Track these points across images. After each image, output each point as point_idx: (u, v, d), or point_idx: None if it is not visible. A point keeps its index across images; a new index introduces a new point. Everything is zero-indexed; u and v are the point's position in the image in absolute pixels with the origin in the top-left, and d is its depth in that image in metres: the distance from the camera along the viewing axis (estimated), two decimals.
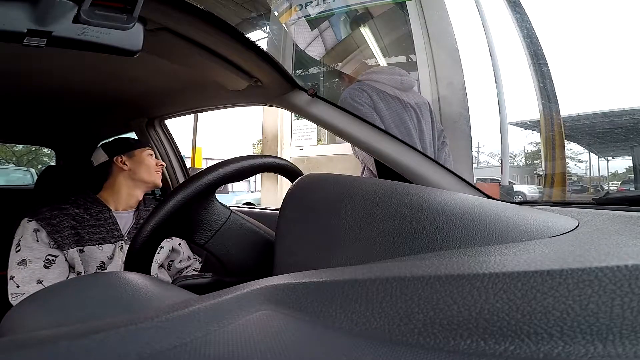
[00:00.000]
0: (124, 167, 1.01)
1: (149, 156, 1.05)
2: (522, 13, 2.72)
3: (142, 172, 1.02)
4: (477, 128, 7.78)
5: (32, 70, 0.93)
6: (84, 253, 0.89)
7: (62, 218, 0.90)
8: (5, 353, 0.17)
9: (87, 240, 0.90)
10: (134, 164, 1.02)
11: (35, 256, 0.85)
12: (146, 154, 1.05)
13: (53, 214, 0.90)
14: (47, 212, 0.89)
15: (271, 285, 0.25)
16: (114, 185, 1.01)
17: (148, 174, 1.03)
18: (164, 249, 1.02)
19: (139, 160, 1.03)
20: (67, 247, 0.88)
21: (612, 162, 6.78)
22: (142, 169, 1.02)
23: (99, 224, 0.94)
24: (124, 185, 1.01)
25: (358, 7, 2.95)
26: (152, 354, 0.18)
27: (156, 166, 1.06)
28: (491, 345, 0.18)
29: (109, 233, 0.93)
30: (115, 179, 1.01)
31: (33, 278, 0.83)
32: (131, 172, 1.02)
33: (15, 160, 8.67)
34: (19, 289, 0.82)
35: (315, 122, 0.78)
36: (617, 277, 0.18)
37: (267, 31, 3.58)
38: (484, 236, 0.34)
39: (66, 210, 0.92)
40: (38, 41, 0.44)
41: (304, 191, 0.47)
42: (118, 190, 1.01)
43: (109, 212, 0.97)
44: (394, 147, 0.71)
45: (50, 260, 0.86)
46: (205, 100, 1.09)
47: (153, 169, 1.05)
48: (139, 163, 1.03)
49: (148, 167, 1.03)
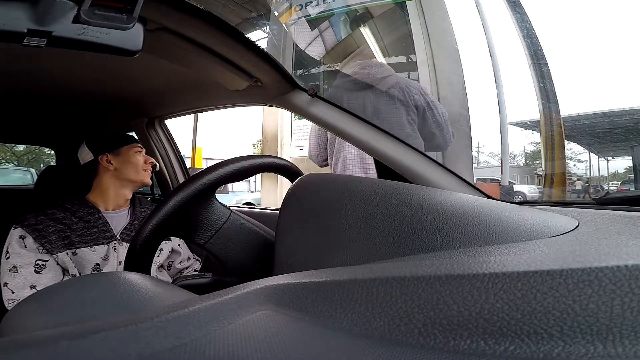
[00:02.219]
0: (110, 166, 0.96)
1: (137, 153, 0.99)
2: (522, 13, 2.72)
3: (129, 171, 0.97)
4: (477, 128, 7.79)
5: (32, 70, 0.93)
6: (77, 256, 0.88)
7: (48, 223, 0.88)
8: (5, 353, 0.17)
9: (78, 243, 0.89)
10: (120, 162, 0.97)
11: (24, 262, 0.84)
12: (134, 150, 0.99)
13: (38, 219, 0.88)
14: (32, 219, 0.88)
15: (271, 285, 0.25)
16: (101, 185, 0.97)
17: (135, 172, 0.98)
18: (164, 252, 1.00)
19: (126, 159, 0.97)
20: (56, 250, 0.86)
21: (612, 162, 6.78)
22: (129, 168, 0.97)
23: (89, 226, 0.92)
24: (110, 185, 0.97)
25: (358, 7, 2.95)
26: (152, 354, 0.18)
27: (145, 164, 1.00)
28: (491, 345, 0.18)
29: (100, 234, 0.92)
30: (102, 178, 0.97)
31: (26, 284, 0.83)
32: (117, 172, 0.97)
33: (16, 161, 8.67)
34: (14, 295, 0.82)
35: (315, 122, 0.78)
36: (617, 277, 0.18)
37: (267, 31, 3.58)
38: (484, 236, 0.34)
39: (52, 215, 0.90)
40: (38, 41, 0.44)
41: (304, 191, 0.47)
42: (106, 190, 0.97)
43: (98, 213, 0.94)
44: (394, 147, 0.71)
45: (41, 265, 0.85)
46: (205, 100, 1.09)
47: (141, 167, 0.99)
48: (125, 161, 0.97)
49: (135, 166, 0.98)
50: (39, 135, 1.67)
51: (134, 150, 0.99)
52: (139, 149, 1.01)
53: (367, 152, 0.74)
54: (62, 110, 1.34)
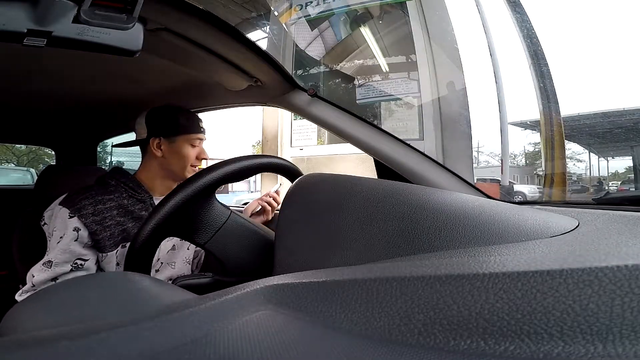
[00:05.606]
0: (158, 152, 0.85)
1: (191, 146, 0.87)
2: (522, 13, 2.72)
3: (175, 163, 0.86)
4: (477, 128, 7.78)
5: (32, 70, 0.93)
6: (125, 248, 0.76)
7: (106, 215, 0.79)
8: (5, 353, 0.17)
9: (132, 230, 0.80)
10: (169, 152, 0.85)
11: (64, 259, 0.76)
12: (190, 142, 0.86)
13: (97, 209, 0.78)
14: (89, 207, 0.78)
15: (271, 285, 0.25)
16: (149, 168, 0.87)
17: (181, 167, 0.86)
18: None
19: (176, 150, 0.85)
20: (108, 249, 0.78)
21: (612, 162, 6.79)
22: (176, 161, 0.86)
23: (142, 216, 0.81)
24: (157, 172, 0.87)
25: (358, 7, 2.95)
26: (152, 354, 0.18)
27: (196, 160, 0.88)
28: (491, 345, 0.18)
29: None
30: (149, 161, 0.87)
31: (51, 279, 0.76)
32: (164, 160, 0.86)
33: (15, 160, 8.67)
34: (32, 288, 0.75)
35: (315, 122, 0.78)
36: (617, 277, 0.18)
37: (267, 31, 3.58)
38: (484, 236, 0.34)
39: (110, 203, 0.80)
40: (38, 41, 0.44)
41: (304, 191, 0.47)
42: (153, 176, 0.87)
43: (151, 199, 0.85)
44: (394, 147, 0.71)
45: (78, 265, 0.77)
46: (205, 100, 1.09)
47: (189, 163, 0.87)
48: (175, 152, 0.85)
49: (184, 160, 0.86)
50: (39, 135, 1.66)
51: (191, 142, 0.87)
52: (198, 141, 0.88)
53: (367, 152, 0.74)
54: (62, 110, 1.34)
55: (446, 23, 2.71)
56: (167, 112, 0.87)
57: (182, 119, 0.87)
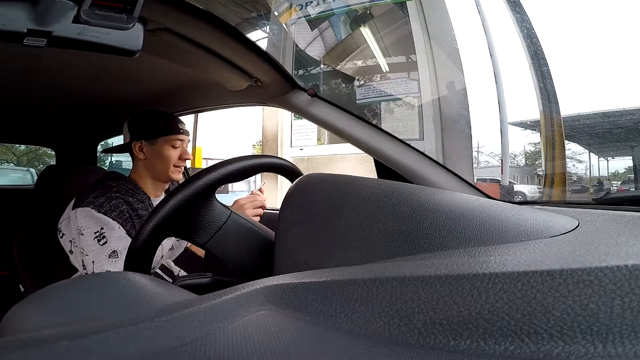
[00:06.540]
0: (140, 155, 0.89)
1: (172, 148, 0.89)
2: (522, 13, 2.72)
3: (158, 165, 0.89)
4: (477, 128, 7.78)
5: (32, 70, 0.93)
6: None
7: (122, 209, 0.83)
8: (5, 353, 0.17)
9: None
10: (152, 153, 0.89)
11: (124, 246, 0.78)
12: (170, 144, 0.89)
13: (111, 204, 0.82)
14: (106, 205, 0.81)
15: (271, 285, 0.25)
16: (138, 170, 0.91)
17: (164, 168, 0.89)
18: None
19: (158, 151, 0.88)
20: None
21: (612, 162, 6.79)
22: (159, 162, 0.89)
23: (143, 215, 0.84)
24: (145, 173, 0.91)
25: (358, 7, 2.95)
26: (152, 354, 0.18)
27: (178, 160, 0.90)
28: (491, 345, 0.18)
29: None
30: (137, 163, 0.91)
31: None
32: (148, 162, 0.89)
33: (15, 160, 8.67)
34: None
35: (315, 122, 0.78)
36: (617, 277, 0.18)
37: (267, 31, 3.58)
38: (484, 236, 0.34)
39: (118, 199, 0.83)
40: (38, 41, 0.44)
41: (304, 191, 0.47)
42: (143, 177, 0.91)
43: (149, 200, 0.88)
44: (394, 147, 0.71)
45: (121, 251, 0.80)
46: (205, 100, 1.09)
47: (172, 163, 0.90)
48: (157, 154, 0.88)
49: (166, 161, 0.89)
50: (39, 135, 1.66)
51: (171, 143, 0.90)
52: (178, 142, 0.91)
53: (367, 152, 0.74)
54: (62, 110, 1.34)
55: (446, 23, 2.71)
56: (146, 116, 0.91)
57: (161, 121, 0.90)
